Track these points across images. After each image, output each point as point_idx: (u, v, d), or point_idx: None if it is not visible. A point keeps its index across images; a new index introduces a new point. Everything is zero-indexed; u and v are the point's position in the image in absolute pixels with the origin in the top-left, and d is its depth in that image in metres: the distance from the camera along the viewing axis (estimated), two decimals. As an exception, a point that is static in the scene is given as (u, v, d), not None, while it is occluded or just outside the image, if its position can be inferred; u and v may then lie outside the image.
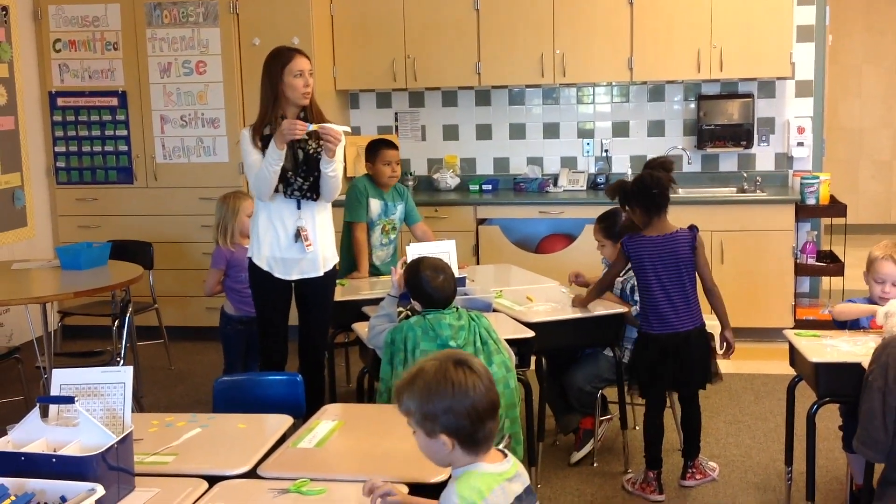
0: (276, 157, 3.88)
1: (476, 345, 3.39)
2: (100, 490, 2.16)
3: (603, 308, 4.20)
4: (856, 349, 3.35)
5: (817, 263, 6.16)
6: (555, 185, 6.64)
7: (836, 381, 3.30)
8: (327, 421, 2.93)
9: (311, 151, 3.98)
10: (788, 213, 5.98)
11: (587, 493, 4.04)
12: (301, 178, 3.99)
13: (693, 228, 3.99)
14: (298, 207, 4.03)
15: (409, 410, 2.02)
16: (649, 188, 3.95)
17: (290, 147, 3.93)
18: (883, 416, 2.31)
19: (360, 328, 3.92)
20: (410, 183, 6.71)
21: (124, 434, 2.36)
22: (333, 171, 3.98)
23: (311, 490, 2.40)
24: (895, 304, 3.48)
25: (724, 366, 4.12)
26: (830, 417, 3.71)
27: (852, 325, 3.71)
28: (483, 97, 6.85)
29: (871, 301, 3.69)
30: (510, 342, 3.60)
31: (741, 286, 5.84)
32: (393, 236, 5.16)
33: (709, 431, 4.34)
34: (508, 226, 6.40)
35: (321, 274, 4.12)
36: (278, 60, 3.98)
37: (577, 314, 4.17)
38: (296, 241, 4.03)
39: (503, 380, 3.35)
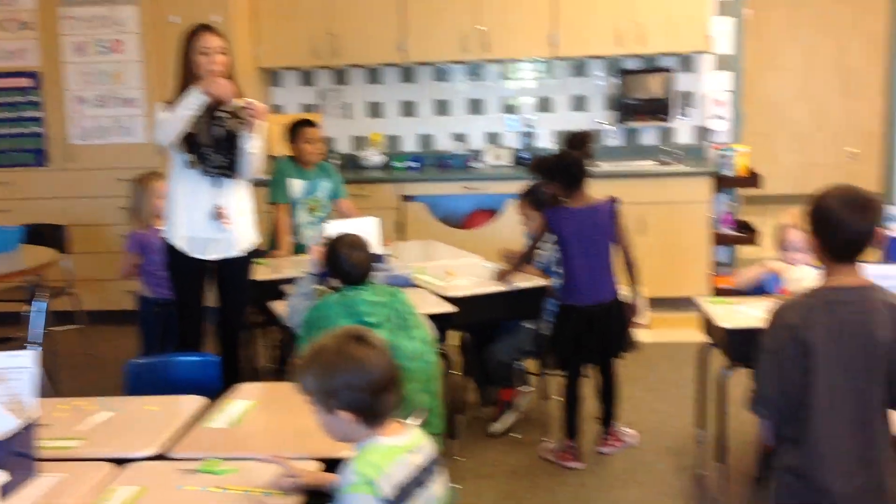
0: (196, 101, 3.79)
1: (394, 320, 3.40)
2: (2, 476, 2.13)
3: (524, 281, 4.24)
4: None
5: (734, 233, 6.30)
6: (479, 160, 6.66)
7: (746, 347, 3.36)
8: (241, 400, 2.91)
9: (231, 128, 3.93)
10: (707, 184, 6.10)
11: (508, 463, 4.10)
12: (220, 156, 3.94)
13: (613, 199, 4.05)
14: (216, 185, 3.98)
15: (309, 388, 2.02)
16: (566, 163, 4.03)
17: (208, 123, 3.88)
18: (775, 376, 2.37)
19: (278, 307, 3.89)
20: (337, 161, 6.66)
21: (28, 419, 2.32)
22: (254, 147, 3.93)
23: (221, 469, 2.38)
24: (802, 271, 3.58)
25: (643, 335, 4.21)
26: (744, 383, 3.80)
27: (766, 291, 3.80)
28: (407, 74, 6.82)
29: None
30: (431, 317, 3.63)
31: (662, 257, 5.94)
32: (322, 215, 5.12)
33: (626, 399, 4.41)
34: (434, 202, 6.40)
35: (239, 254, 4.08)
36: (186, 38, 3.92)
37: (499, 288, 4.21)
38: (213, 220, 3.98)
39: (422, 354, 3.38)
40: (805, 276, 3.53)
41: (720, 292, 5.70)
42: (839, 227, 2.32)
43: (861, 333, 2.30)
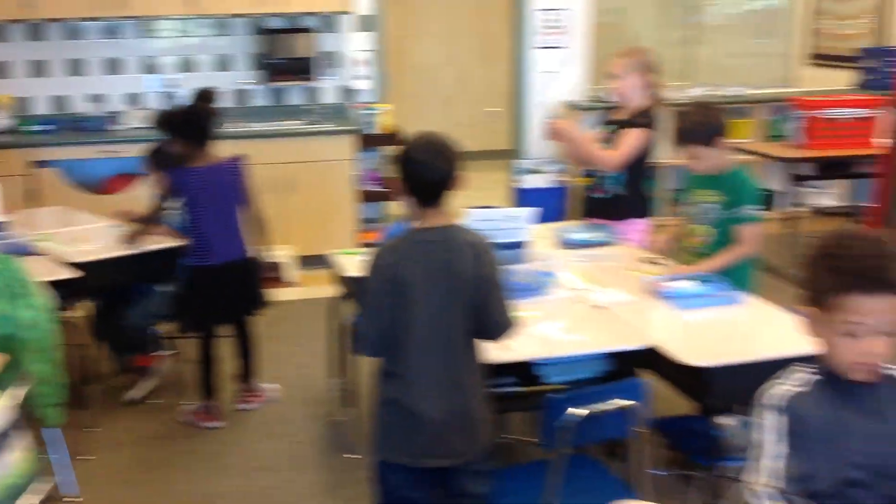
0: None
1: (8, 289, 3.18)
2: None
3: (154, 243, 4.14)
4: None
5: (379, 190, 6.54)
6: (119, 122, 6.37)
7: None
8: None
9: None
10: (351, 143, 6.27)
11: (145, 429, 4.02)
12: None
13: (237, 158, 4.03)
14: None
15: None
16: (189, 120, 3.96)
17: None
18: (375, 316, 2.51)
19: None
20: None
21: None
22: None
23: None
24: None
25: (289, 292, 4.27)
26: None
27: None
28: (36, 31, 6.34)
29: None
30: (55, 284, 3.45)
31: (310, 215, 6.06)
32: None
33: (268, 355, 4.46)
34: (70, 167, 6.04)
35: None
36: None
37: (126, 251, 4.08)
38: None
39: (39, 323, 3.20)
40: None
41: (366, 248, 5.91)
42: (421, 171, 2.48)
43: (447, 269, 2.48)
